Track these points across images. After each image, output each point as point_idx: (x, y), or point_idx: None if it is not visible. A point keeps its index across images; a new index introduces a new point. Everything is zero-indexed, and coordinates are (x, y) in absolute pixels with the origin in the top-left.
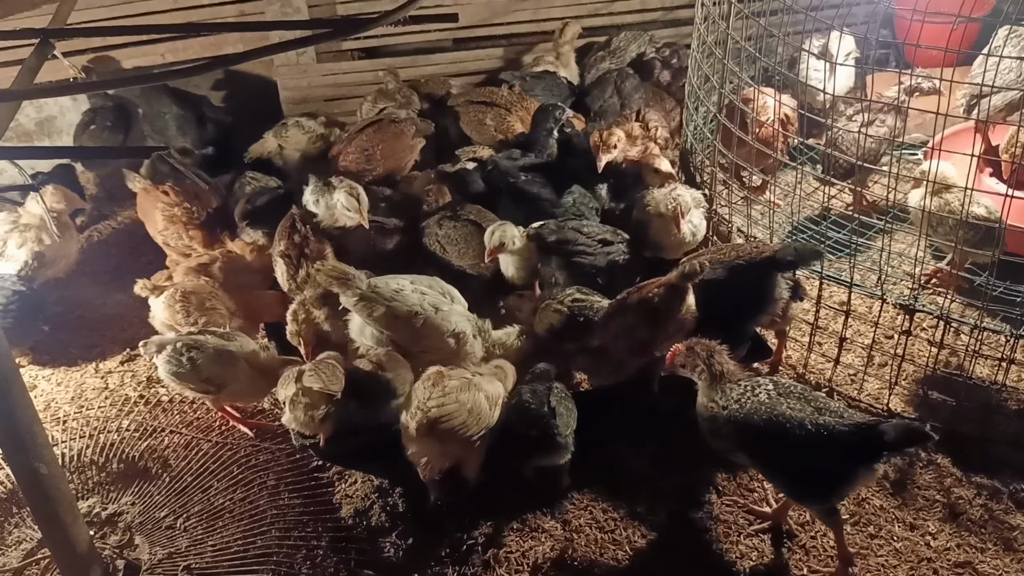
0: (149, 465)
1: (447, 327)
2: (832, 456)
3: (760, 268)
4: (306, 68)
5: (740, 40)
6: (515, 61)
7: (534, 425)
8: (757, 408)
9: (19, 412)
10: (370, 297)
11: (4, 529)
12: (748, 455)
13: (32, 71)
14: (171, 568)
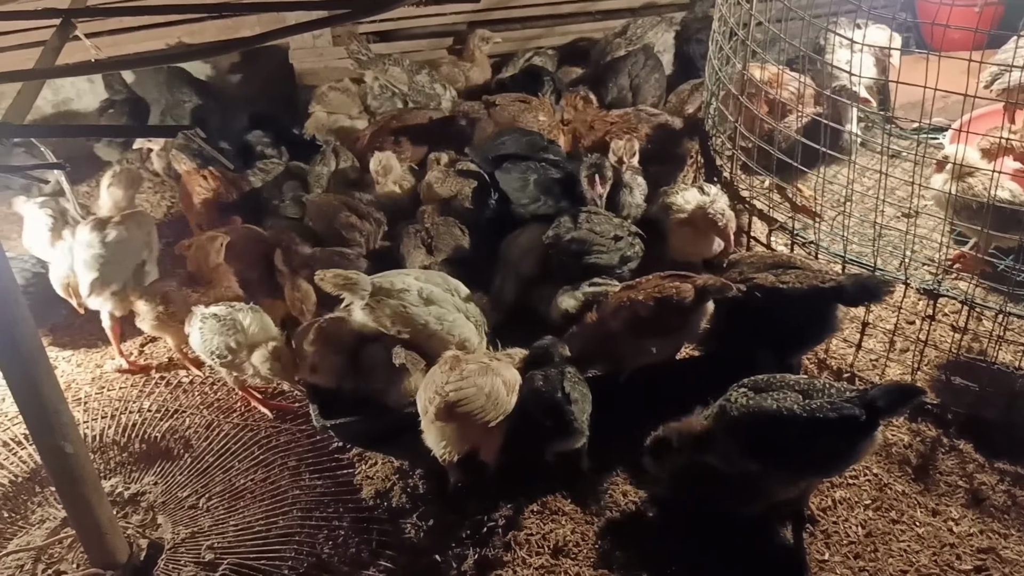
0: (171, 445)
1: (451, 339)
2: (832, 437)
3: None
4: (322, 51)
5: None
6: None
7: (549, 411)
8: (744, 412)
9: (45, 391)
10: (375, 303)
11: (28, 508)
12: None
13: (55, 51)
14: (194, 547)
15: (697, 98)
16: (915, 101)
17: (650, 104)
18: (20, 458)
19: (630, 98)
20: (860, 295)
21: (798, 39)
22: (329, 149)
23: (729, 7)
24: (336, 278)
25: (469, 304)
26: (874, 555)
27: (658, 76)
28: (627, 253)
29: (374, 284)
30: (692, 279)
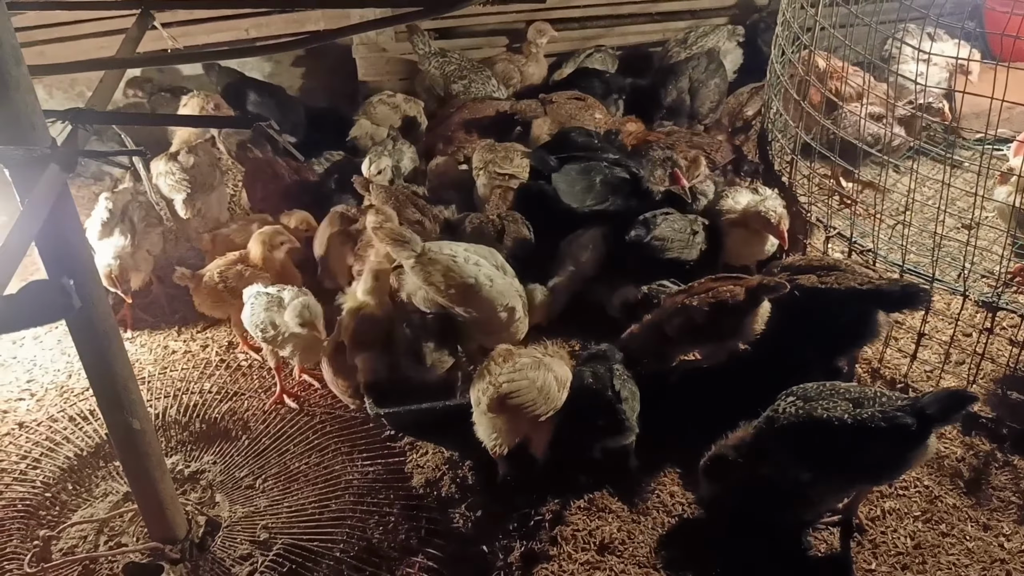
0: (229, 427)
1: (501, 300)
2: (882, 445)
3: (864, 300)
4: (384, 47)
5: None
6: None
7: (600, 409)
8: (792, 422)
9: (117, 369)
10: (425, 261)
11: (92, 481)
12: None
13: (134, 41)
14: (250, 526)
15: (756, 101)
16: (980, 111)
17: (707, 108)
18: (85, 433)
19: (688, 101)
20: (898, 300)
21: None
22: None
23: (794, 12)
24: (391, 232)
25: (514, 281)
26: (922, 567)
27: (718, 81)
28: (703, 247)
29: (424, 246)
30: (745, 281)
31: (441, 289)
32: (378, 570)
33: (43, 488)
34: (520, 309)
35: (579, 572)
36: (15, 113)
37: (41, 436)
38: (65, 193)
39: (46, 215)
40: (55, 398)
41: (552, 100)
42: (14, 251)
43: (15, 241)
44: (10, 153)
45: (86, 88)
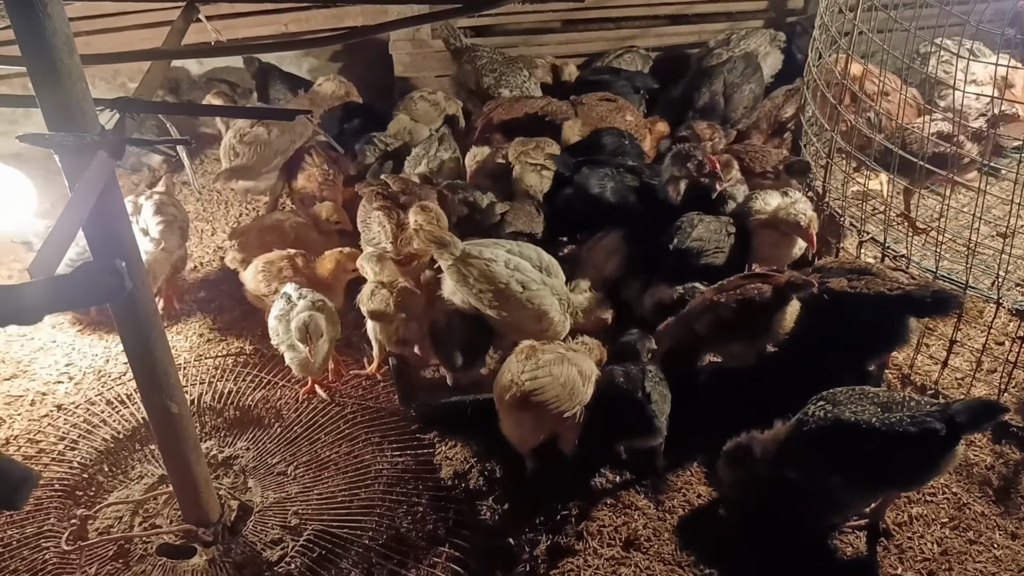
0: (262, 415)
1: (530, 307)
2: (911, 451)
3: (893, 306)
4: (421, 43)
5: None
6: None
7: (630, 409)
8: (821, 426)
9: (157, 353)
10: (463, 264)
11: (128, 464)
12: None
13: (180, 32)
14: (281, 512)
15: (792, 104)
16: (1018, 119)
17: (740, 112)
18: (122, 416)
19: (721, 104)
20: (929, 306)
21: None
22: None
23: (832, 16)
24: (431, 233)
25: (557, 281)
26: (948, 573)
27: (753, 85)
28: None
29: (464, 248)
30: (773, 278)
31: (475, 291)
32: (406, 558)
33: (80, 469)
34: (555, 313)
35: (604, 567)
36: (67, 101)
37: (79, 418)
38: (112, 180)
39: (95, 201)
40: (93, 382)
41: (583, 102)
42: (65, 234)
43: (65, 225)
44: (61, 140)
45: (128, 79)
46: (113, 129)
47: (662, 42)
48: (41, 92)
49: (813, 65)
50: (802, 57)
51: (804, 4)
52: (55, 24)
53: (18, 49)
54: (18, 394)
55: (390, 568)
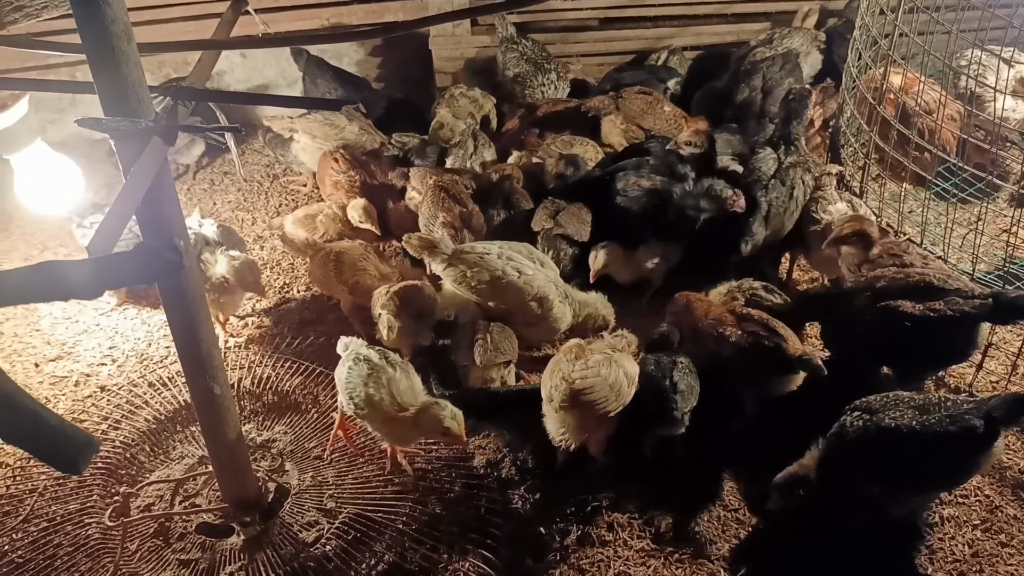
0: (300, 400)
1: (529, 290)
2: (952, 450)
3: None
4: (460, 39)
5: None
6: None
7: (652, 396)
8: (860, 435)
9: (202, 335)
10: (455, 263)
11: (169, 444)
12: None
13: (229, 24)
14: (317, 495)
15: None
16: None
17: (778, 108)
18: (164, 398)
19: (759, 101)
20: (1010, 314)
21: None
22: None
23: (873, 16)
24: (420, 240)
25: (552, 272)
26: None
27: (792, 81)
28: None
29: (455, 248)
30: (788, 346)
31: (472, 286)
32: (438, 544)
33: (123, 448)
34: (554, 298)
35: (634, 559)
36: (123, 87)
37: (121, 399)
38: (165, 165)
39: (149, 183)
40: (135, 364)
41: (622, 96)
42: (121, 215)
43: (122, 205)
44: (117, 124)
45: (172, 70)
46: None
47: (700, 41)
48: (99, 78)
49: (852, 65)
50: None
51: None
52: (114, 11)
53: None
54: (63, 375)
55: (423, 552)
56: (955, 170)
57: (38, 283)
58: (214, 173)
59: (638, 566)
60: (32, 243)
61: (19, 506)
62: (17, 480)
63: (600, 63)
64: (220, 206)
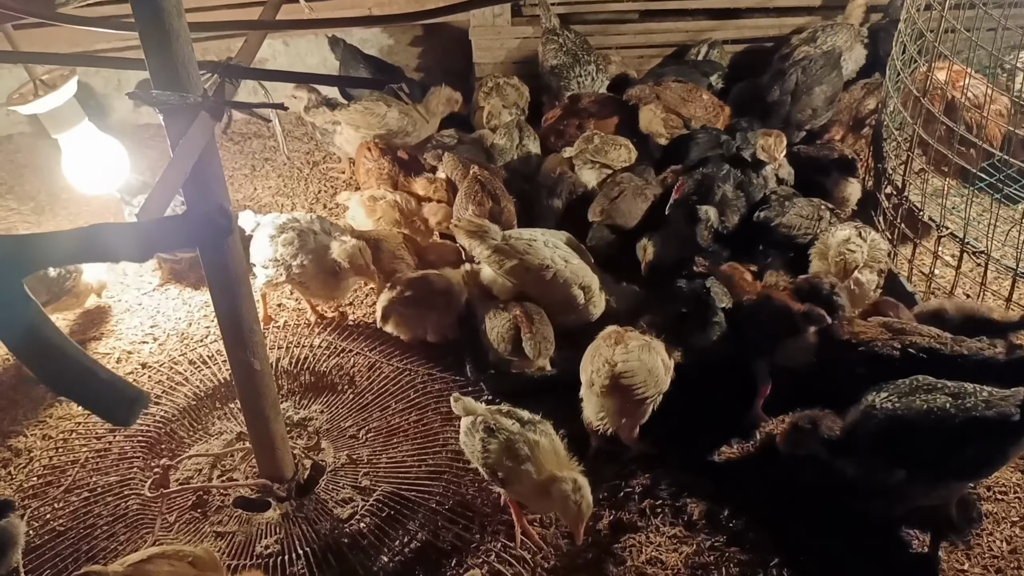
0: (336, 381)
1: (575, 280)
2: (985, 439)
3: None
4: (500, 30)
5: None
6: (701, 35)
7: (689, 300)
8: (890, 416)
9: (243, 310)
10: (504, 250)
11: (207, 420)
12: (888, 461)
13: (275, 7)
14: (352, 472)
15: (871, 100)
16: None
17: (808, 113)
18: (203, 376)
19: (788, 103)
20: None
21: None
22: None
23: (918, 10)
24: (470, 224)
25: (590, 262)
26: (1017, 571)
27: (825, 86)
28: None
29: (504, 234)
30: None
31: (516, 276)
32: (471, 523)
33: (162, 424)
34: (595, 287)
35: (666, 545)
36: (174, 62)
37: (162, 376)
38: (212, 141)
39: (197, 156)
40: (176, 343)
41: (661, 84)
42: (170, 184)
43: (171, 176)
44: (167, 98)
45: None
46: (214, 93)
47: (741, 34)
48: (150, 53)
49: (897, 58)
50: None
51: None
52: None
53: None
54: (105, 352)
55: (456, 532)
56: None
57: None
58: (255, 160)
59: (670, 552)
60: (78, 223)
61: (61, 476)
62: (60, 452)
63: (640, 56)
64: (260, 191)
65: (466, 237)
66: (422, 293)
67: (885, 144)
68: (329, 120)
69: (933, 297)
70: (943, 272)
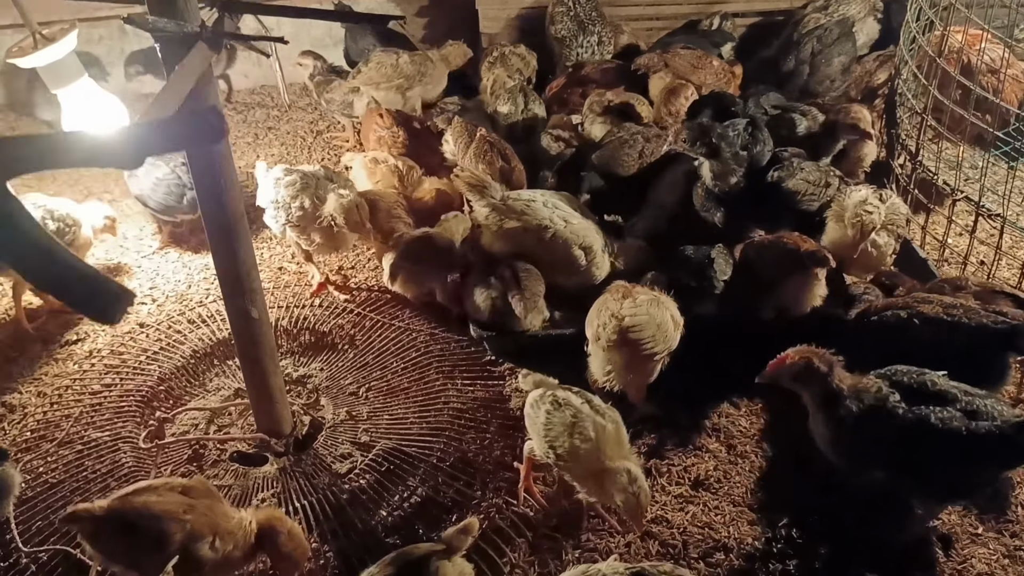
0: (336, 341)
1: (576, 240)
2: (990, 464)
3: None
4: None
5: None
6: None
7: (691, 270)
8: (899, 426)
9: (241, 255)
10: (501, 209)
11: (205, 377)
12: (890, 471)
13: None
14: (351, 429)
15: (883, 72)
16: None
17: (827, 84)
18: (201, 335)
19: (805, 72)
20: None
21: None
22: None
23: None
24: (472, 177)
25: (592, 223)
26: None
27: (843, 57)
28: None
29: (503, 193)
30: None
31: (514, 236)
32: (472, 480)
33: (159, 381)
34: (598, 248)
35: (672, 504)
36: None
37: (160, 335)
38: (209, 72)
39: (193, 83)
40: (175, 304)
41: (670, 51)
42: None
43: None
44: (165, 25)
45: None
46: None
47: (751, 7)
48: None
49: (912, 22)
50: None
51: None
52: None
53: None
54: None
55: (457, 488)
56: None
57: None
58: (258, 128)
59: (676, 511)
60: (77, 189)
61: (55, 430)
62: (55, 407)
63: (649, 28)
64: (263, 159)
65: (466, 189)
66: (429, 251)
67: (899, 111)
68: (348, 90)
69: (947, 265)
70: (956, 242)
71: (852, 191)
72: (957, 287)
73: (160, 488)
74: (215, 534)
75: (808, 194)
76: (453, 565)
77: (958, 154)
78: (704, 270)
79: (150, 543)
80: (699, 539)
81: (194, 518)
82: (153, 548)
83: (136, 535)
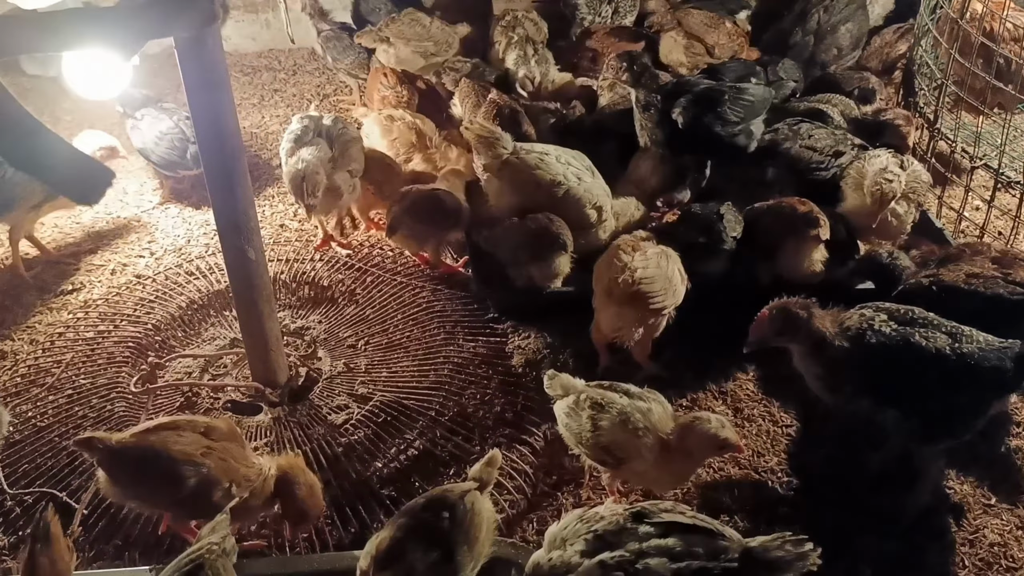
0: (336, 295)
1: (588, 198)
2: (977, 389)
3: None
4: None
5: None
6: None
7: (700, 227)
8: (885, 344)
9: (239, 192)
10: (514, 163)
11: (201, 327)
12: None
13: None
14: (349, 381)
15: (903, 44)
16: None
17: (834, 53)
18: (198, 287)
19: (811, 43)
20: None
21: None
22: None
23: None
24: (483, 129)
25: (601, 181)
26: None
27: (851, 25)
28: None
29: (516, 145)
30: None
31: (528, 190)
32: (471, 434)
33: (154, 330)
34: (608, 208)
35: None
36: None
37: (156, 287)
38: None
39: None
40: (173, 257)
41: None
42: None
43: None
44: None
45: None
46: None
47: None
48: None
49: None
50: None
51: None
52: None
53: None
54: (100, 264)
55: (455, 442)
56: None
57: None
58: (264, 91)
59: None
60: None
61: (45, 376)
62: (46, 353)
63: None
64: (268, 120)
65: (476, 142)
66: (436, 211)
67: (917, 80)
68: (377, 39)
69: (963, 236)
70: (972, 216)
71: (872, 158)
72: (976, 252)
73: (183, 426)
74: (231, 480)
75: (813, 162)
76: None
77: (978, 123)
78: (713, 225)
79: (162, 483)
80: (703, 503)
81: (211, 463)
82: (164, 487)
83: (149, 473)
